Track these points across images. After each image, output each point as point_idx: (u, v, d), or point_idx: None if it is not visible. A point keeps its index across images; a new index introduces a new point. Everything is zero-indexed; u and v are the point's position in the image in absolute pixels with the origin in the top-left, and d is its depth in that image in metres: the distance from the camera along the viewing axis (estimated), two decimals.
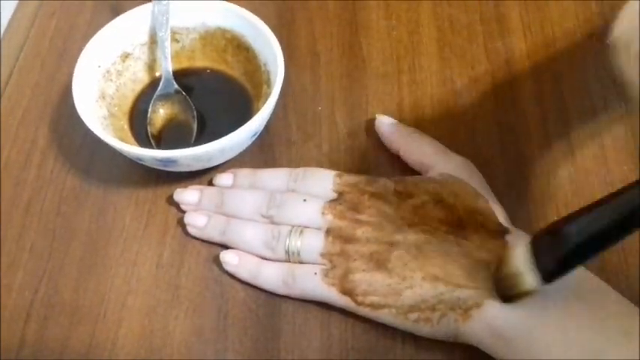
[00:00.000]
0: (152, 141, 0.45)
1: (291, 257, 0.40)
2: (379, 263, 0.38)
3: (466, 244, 0.37)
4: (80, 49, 0.44)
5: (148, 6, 0.47)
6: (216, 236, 0.42)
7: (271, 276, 0.40)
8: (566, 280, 0.35)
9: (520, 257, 0.33)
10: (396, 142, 0.44)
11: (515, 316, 0.34)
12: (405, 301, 0.37)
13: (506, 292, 0.35)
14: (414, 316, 0.37)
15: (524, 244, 0.33)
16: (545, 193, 0.43)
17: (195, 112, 0.46)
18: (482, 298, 0.35)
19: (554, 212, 0.42)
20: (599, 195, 0.32)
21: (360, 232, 0.39)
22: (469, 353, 0.37)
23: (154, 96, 0.46)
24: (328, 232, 0.39)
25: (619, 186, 0.43)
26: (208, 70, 0.49)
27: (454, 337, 0.37)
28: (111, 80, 0.46)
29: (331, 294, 0.39)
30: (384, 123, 0.45)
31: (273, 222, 0.41)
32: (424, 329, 0.37)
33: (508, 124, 0.47)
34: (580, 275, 0.35)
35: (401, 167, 0.44)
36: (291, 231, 0.40)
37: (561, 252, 0.32)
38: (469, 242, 0.37)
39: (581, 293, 0.34)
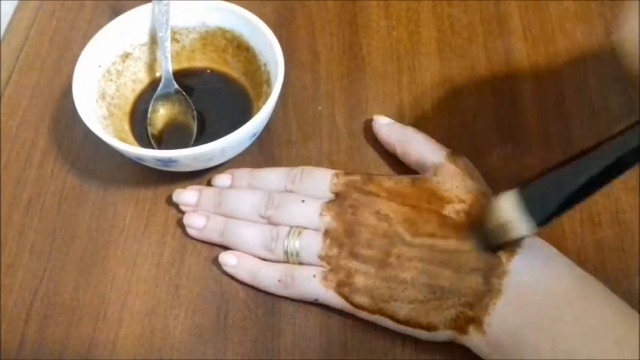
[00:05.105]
0: (152, 141, 0.45)
1: (290, 258, 0.40)
2: (377, 266, 0.38)
3: (466, 244, 0.37)
4: (80, 49, 0.45)
5: (148, 6, 0.47)
6: (215, 237, 0.42)
7: (270, 277, 0.40)
8: (560, 286, 0.35)
9: (509, 205, 0.34)
10: (393, 142, 0.44)
11: (509, 327, 0.34)
12: (402, 307, 0.37)
13: (494, 241, 0.35)
14: (410, 321, 0.37)
15: (511, 194, 0.34)
16: None
17: (195, 112, 0.46)
18: (479, 310, 0.35)
19: None
20: (598, 195, 0.33)
21: (358, 233, 0.39)
22: (469, 354, 0.37)
23: (154, 96, 0.46)
24: (326, 233, 0.39)
25: (618, 186, 0.44)
26: (208, 70, 0.49)
27: (452, 341, 0.37)
28: (111, 80, 0.46)
29: (329, 296, 0.39)
30: (381, 123, 0.45)
31: (271, 222, 0.41)
32: (422, 335, 0.37)
33: (508, 124, 0.47)
34: (575, 279, 0.35)
35: (400, 167, 0.44)
36: (289, 232, 0.40)
37: (558, 194, 0.33)
38: (469, 243, 0.37)
39: (575, 300, 0.34)
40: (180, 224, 0.43)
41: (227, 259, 0.41)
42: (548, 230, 0.39)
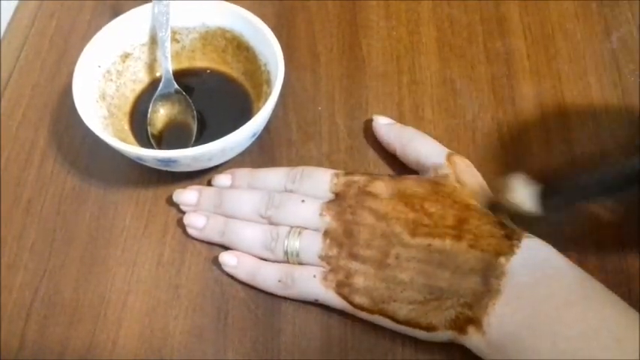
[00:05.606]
0: (152, 141, 0.45)
1: (290, 258, 0.40)
2: (376, 266, 0.38)
3: (464, 245, 0.37)
4: (80, 50, 0.45)
5: (148, 6, 0.47)
6: (215, 237, 0.42)
7: (269, 277, 0.40)
8: (560, 287, 0.35)
9: (521, 185, 0.36)
10: (393, 142, 0.44)
11: (509, 328, 0.34)
12: (401, 307, 0.37)
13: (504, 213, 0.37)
14: (410, 321, 0.37)
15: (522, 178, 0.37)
16: None
17: (195, 112, 0.46)
18: (478, 310, 0.35)
19: None
20: None
21: (357, 233, 0.39)
22: (469, 354, 0.37)
23: (154, 96, 0.46)
24: (326, 233, 0.39)
25: None
26: (208, 70, 0.49)
27: (452, 341, 0.37)
28: (111, 80, 0.47)
29: (329, 297, 0.39)
30: (381, 123, 0.45)
31: (271, 222, 0.41)
32: (421, 335, 0.37)
33: (508, 124, 0.47)
34: (575, 279, 0.35)
35: (400, 167, 0.44)
36: (289, 232, 0.40)
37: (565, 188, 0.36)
38: (467, 243, 0.37)
39: (575, 301, 0.34)
40: (181, 224, 0.43)
41: (227, 258, 0.41)
42: (547, 230, 0.39)
